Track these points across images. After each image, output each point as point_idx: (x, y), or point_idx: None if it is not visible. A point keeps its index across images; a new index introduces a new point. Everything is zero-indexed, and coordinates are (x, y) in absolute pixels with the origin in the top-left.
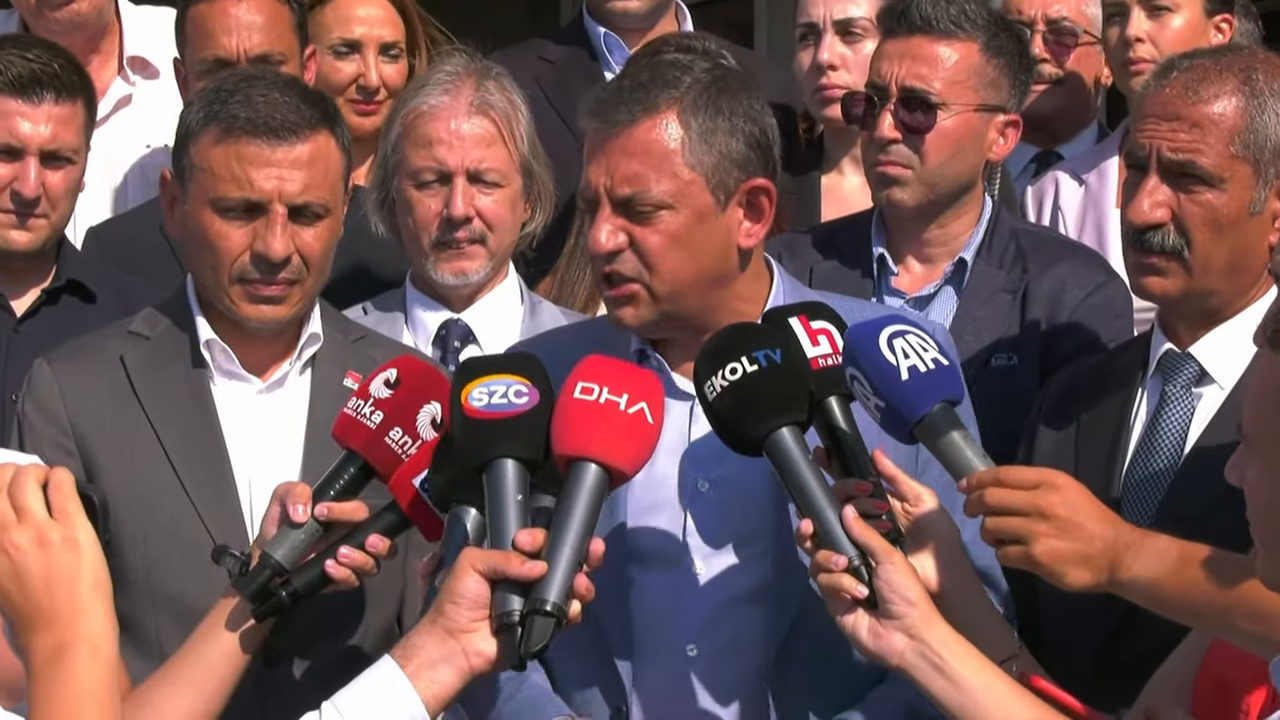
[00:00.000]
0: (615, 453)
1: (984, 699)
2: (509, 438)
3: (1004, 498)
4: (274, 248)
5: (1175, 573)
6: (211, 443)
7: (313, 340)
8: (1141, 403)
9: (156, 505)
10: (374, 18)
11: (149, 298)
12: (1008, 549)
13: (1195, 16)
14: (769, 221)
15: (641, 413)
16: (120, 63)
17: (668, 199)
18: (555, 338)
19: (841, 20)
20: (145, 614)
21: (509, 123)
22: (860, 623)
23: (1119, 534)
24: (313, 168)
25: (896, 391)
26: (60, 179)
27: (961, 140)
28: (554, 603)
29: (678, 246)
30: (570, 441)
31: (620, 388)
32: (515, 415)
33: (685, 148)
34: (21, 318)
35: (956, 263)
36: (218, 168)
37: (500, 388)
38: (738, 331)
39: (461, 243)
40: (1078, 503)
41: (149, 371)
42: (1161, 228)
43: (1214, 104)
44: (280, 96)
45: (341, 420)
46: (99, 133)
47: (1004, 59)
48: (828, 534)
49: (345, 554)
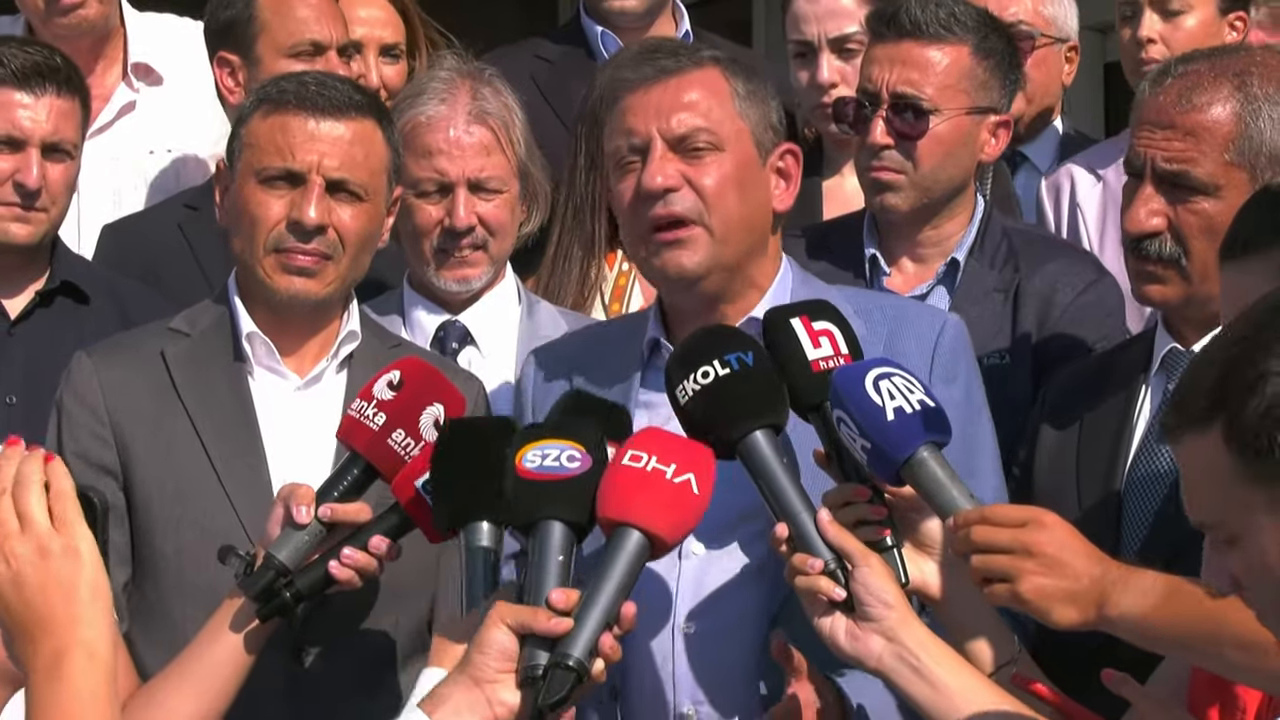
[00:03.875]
0: (657, 520)
1: (962, 701)
2: (558, 500)
3: (990, 536)
4: (308, 214)
5: (1162, 607)
6: (248, 437)
7: (350, 338)
8: (1145, 401)
9: (190, 496)
10: (375, 19)
11: (145, 300)
12: (994, 587)
13: (1209, 15)
14: (796, 186)
15: (688, 483)
16: (124, 69)
17: (720, 140)
18: (569, 343)
19: (836, 38)
20: (173, 603)
21: (507, 129)
22: (837, 625)
23: (1105, 571)
24: (354, 147)
25: (882, 432)
26: (60, 173)
27: (954, 144)
28: (577, 658)
29: (732, 187)
30: (614, 506)
31: (669, 458)
32: (566, 479)
33: (733, 98)
34: (15, 319)
35: (949, 263)
36: (263, 140)
37: (555, 451)
38: (709, 335)
39: (464, 249)
40: (1064, 540)
41: (189, 366)
42: (1158, 236)
43: (1208, 111)
44: (333, 82)
45: (345, 422)
46: (103, 138)
47: (994, 60)
48: (803, 537)
49: (349, 555)
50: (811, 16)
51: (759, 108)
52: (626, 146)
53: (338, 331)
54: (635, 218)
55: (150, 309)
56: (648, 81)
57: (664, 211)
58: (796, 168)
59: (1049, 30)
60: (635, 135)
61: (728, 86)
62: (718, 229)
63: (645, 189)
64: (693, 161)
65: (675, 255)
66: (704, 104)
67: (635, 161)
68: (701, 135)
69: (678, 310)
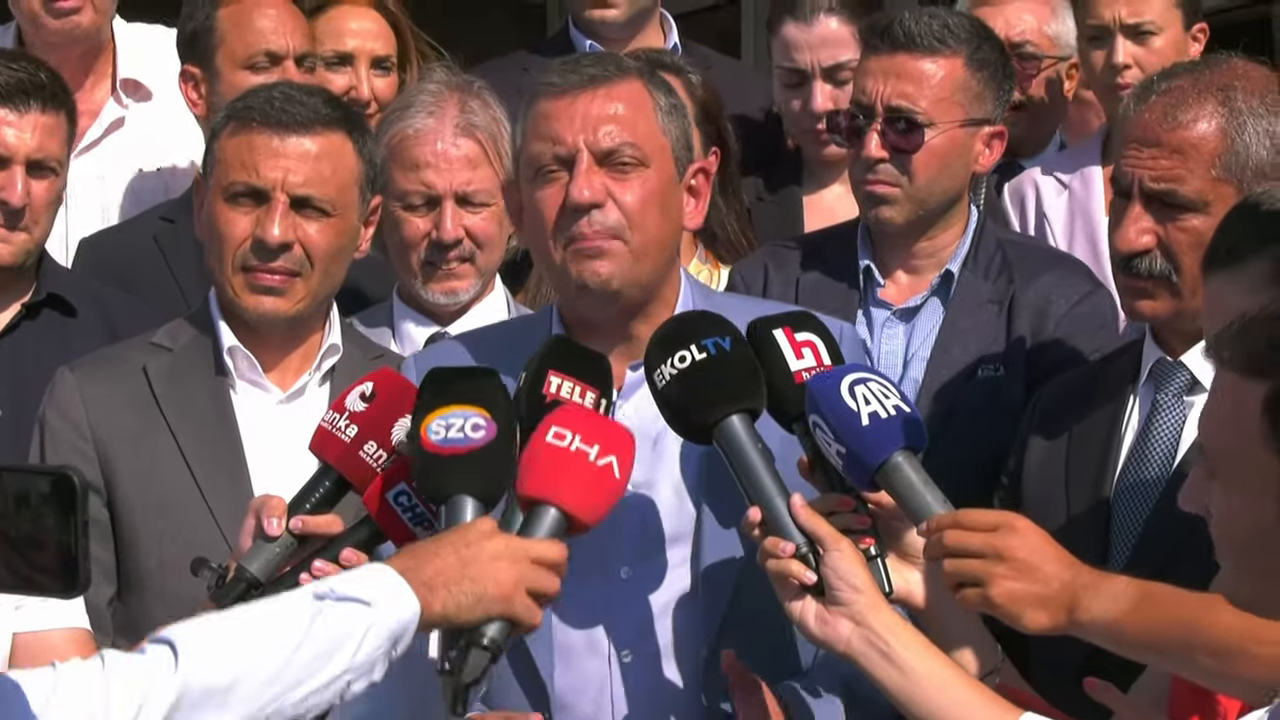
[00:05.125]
0: (577, 502)
1: (929, 685)
2: (466, 473)
3: (962, 540)
4: (271, 232)
5: (1133, 612)
6: (230, 451)
7: (332, 351)
8: (1133, 411)
9: (173, 510)
10: (366, 31)
11: (131, 313)
12: (965, 591)
13: (1176, 33)
14: (705, 204)
15: (610, 466)
16: (113, 84)
17: (646, 157)
18: (454, 348)
19: (830, 66)
20: (159, 618)
21: (494, 142)
22: (807, 610)
23: (1076, 575)
24: (320, 162)
25: (857, 437)
26: (44, 190)
27: (949, 157)
28: (491, 637)
29: (654, 205)
30: (534, 485)
31: (593, 438)
32: (471, 451)
33: (658, 114)
34: (1, 332)
35: (943, 274)
36: (230, 157)
37: (458, 420)
38: (686, 320)
39: (451, 262)
40: (1036, 545)
41: (171, 380)
42: (1148, 254)
43: (1193, 128)
44: (302, 96)
45: (318, 433)
46: (91, 155)
47: (987, 71)
48: (775, 521)
49: (319, 567)
50: (804, 44)
51: (678, 123)
52: (551, 155)
53: (319, 345)
54: (556, 229)
55: (137, 322)
56: (574, 89)
57: (587, 228)
58: (707, 186)
59: (1053, 50)
60: (561, 145)
61: (651, 100)
62: (636, 246)
63: (573, 202)
64: (617, 176)
65: (594, 265)
66: (630, 117)
67: (558, 171)
68: (628, 150)
69: (583, 321)
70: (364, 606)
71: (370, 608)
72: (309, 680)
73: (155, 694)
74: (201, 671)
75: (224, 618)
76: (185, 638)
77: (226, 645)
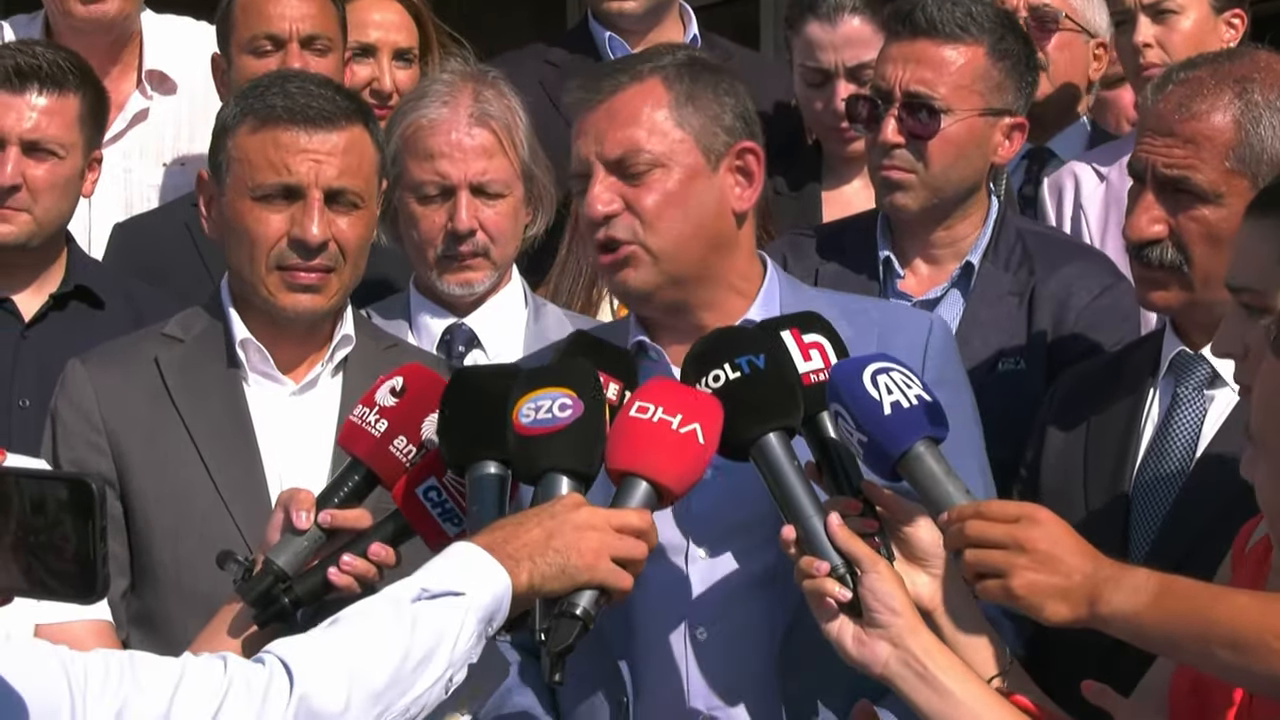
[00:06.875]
0: (663, 470)
1: (967, 709)
2: (555, 451)
3: (983, 530)
4: (311, 231)
5: (1153, 606)
6: (243, 443)
7: (345, 342)
8: (1153, 404)
9: (188, 503)
10: (389, 23)
11: (160, 305)
12: (986, 583)
13: (1203, 15)
14: (760, 184)
15: (693, 433)
16: (139, 76)
17: (659, 158)
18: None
19: (855, 66)
20: (174, 611)
21: (509, 132)
22: (845, 630)
23: (1098, 568)
24: (348, 155)
25: (879, 426)
26: (44, 171)
27: (966, 145)
28: (584, 607)
29: (672, 204)
30: (621, 458)
31: (675, 408)
32: (560, 430)
33: (673, 109)
34: (29, 323)
35: (963, 266)
36: (255, 156)
37: (546, 402)
38: (722, 336)
39: (466, 256)
40: (1057, 537)
41: (183, 372)
42: (1160, 243)
43: (1207, 119)
44: (316, 89)
45: (347, 428)
46: (116, 147)
47: (1010, 61)
48: (812, 541)
49: (348, 561)
50: (829, 44)
51: (705, 111)
52: (575, 172)
53: (332, 336)
54: (587, 238)
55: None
56: (589, 105)
57: (603, 237)
58: (758, 165)
59: (1074, 16)
60: (579, 161)
61: (668, 97)
62: (657, 247)
63: (586, 216)
64: (633, 183)
65: (622, 274)
66: (639, 122)
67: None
68: (639, 155)
69: (648, 321)
70: (458, 598)
71: (464, 597)
72: (414, 688)
73: (272, 714)
74: (316, 698)
75: (330, 636)
76: (298, 659)
77: (338, 668)
